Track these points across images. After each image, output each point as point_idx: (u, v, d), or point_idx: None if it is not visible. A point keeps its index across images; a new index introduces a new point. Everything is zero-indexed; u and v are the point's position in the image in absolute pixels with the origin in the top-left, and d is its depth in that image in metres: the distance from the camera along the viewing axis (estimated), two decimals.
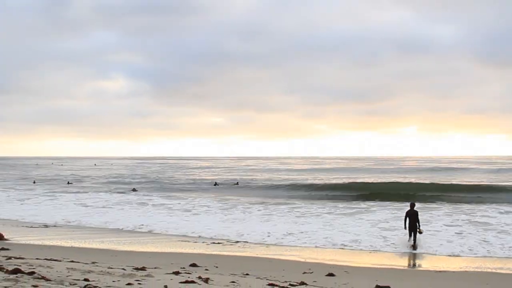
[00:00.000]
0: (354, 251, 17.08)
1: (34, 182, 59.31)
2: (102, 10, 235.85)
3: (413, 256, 16.48)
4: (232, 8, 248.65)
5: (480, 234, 19.83)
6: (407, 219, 18.22)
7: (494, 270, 14.11)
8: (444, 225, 22.18)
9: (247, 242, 18.98)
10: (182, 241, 19.36)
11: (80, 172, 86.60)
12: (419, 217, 18.48)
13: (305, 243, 18.45)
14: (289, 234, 20.48)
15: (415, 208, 18.60)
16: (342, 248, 17.58)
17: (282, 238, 19.52)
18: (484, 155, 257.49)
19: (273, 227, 22.55)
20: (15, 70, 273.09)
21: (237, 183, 54.31)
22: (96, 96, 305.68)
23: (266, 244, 18.46)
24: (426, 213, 24.92)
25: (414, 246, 17.52)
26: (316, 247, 17.79)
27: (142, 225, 23.47)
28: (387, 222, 23.36)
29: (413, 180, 49.98)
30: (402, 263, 15.69)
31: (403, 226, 18.36)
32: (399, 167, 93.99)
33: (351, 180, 50.72)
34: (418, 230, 18.01)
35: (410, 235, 18.00)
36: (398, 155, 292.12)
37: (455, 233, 20.01)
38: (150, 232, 21.82)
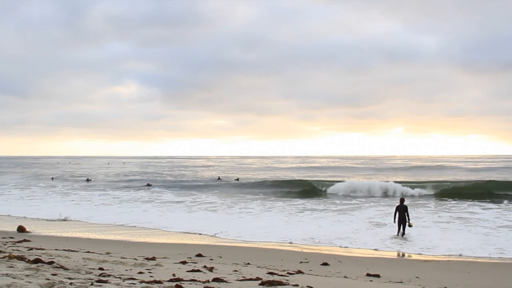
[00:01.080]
0: (347, 243, 16.98)
1: (52, 179, 59.34)
2: (117, 23, 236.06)
3: (402, 248, 16.41)
4: (234, 20, 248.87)
5: (463, 229, 19.87)
6: (397, 213, 18.24)
7: (474, 260, 14.07)
8: (431, 220, 22.08)
9: (247, 234, 18.90)
10: (188, 233, 19.32)
11: (94, 170, 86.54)
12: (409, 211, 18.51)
13: (301, 236, 18.34)
14: (286, 227, 20.45)
15: (404, 203, 18.64)
16: (336, 241, 17.49)
17: (280, 232, 19.40)
18: (465, 154, 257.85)
19: (271, 221, 22.52)
20: (38, 77, 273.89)
21: (238, 179, 54.34)
22: (111, 101, 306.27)
23: (265, 237, 18.37)
24: (413, 209, 24.86)
25: (403, 236, 17.62)
26: (311, 239, 17.68)
27: (151, 220, 23.41)
28: (378, 217, 23.36)
29: (402, 179, 49.77)
30: (391, 253, 15.62)
31: (393, 219, 18.38)
32: (386, 166, 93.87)
33: (343, 179, 50.61)
34: (408, 223, 18.05)
35: (399, 228, 18.04)
36: (385, 154, 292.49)
37: (441, 228, 19.90)
38: (159, 226, 21.65)
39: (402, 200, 18.84)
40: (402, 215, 18.13)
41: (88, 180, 56.80)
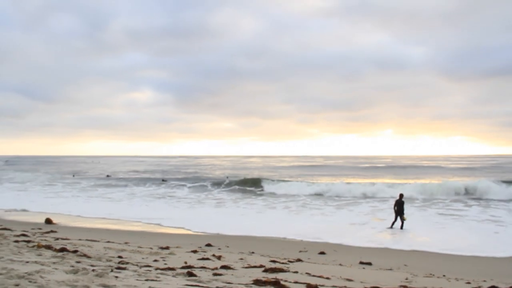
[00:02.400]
0: (344, 234, 16.93)
1: (73, 176, 59.37)
2: (134, 35, 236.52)
3: (393, 239, 16.37)
4: (241, 32, 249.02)
5: (449, 224, 19.81)
6: (396, 206, 18.35)
7: (458, 253, 14.00)
8: (420, 216, 21.90)
9: (252, 226, 18.86)
10: (199, 224, 19.30)
11: (113, 168, 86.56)
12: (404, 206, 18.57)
13: (301, 229, 18.29)
14: (287, 221, 20.44)
15: (403, 199, 18.72)
16: (333, 233, 17.45)
17: (281, 225, 19.38)
18: (449, 154, 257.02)
19: (273, 216, 22.52)
20: (62, 84, 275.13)
21: (243, 178, 54.09)
22: (128, 105, 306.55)
23: (268, 229, 18.32)
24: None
25: (401, 229, 17.66)
26: (310, 231, 17.62)
27: (165, 213, 23.44)
28: (370, 213, 23.32)
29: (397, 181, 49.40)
30: (383, 244, 15.58)
31: (393, 211, 18.47)
32: (377, 165, 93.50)
33: (339, 177, 50.44)
34: (402, 216, 18.06)
35: (395, 220, 18.06)
36: (376, 154, 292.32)
37: (432, 223, 19.79)
38: (172, 219, 21.56)
39: (401, 196, 18.90)
40: (400, 209, 18.18)
41: (108, 176, 56.93)
